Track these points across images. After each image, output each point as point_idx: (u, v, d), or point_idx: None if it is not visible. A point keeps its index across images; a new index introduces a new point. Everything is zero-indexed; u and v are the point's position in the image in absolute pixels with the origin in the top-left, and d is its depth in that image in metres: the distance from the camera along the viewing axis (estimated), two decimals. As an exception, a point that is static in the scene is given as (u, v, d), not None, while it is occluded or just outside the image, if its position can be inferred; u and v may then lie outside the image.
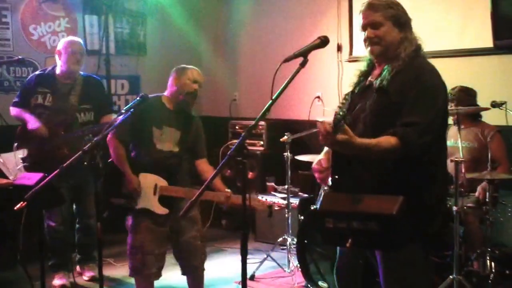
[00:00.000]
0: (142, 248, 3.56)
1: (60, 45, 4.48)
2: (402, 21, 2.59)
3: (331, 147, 2.39)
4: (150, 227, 3.58)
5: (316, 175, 2.75)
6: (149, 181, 3.57)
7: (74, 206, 4.70)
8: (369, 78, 2.66)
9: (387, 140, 2.36)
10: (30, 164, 4.34)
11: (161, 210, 3.54)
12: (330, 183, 2.66)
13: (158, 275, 3.65)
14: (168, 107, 3.69)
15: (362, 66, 2.72)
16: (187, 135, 3.68)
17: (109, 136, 3.56)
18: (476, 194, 4.14)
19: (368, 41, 2.58)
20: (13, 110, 4.55)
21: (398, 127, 2.38)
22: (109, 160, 3.67)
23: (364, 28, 2.60)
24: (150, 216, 3.58)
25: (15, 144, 4.48)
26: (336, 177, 2.58)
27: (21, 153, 4.84)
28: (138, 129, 3.61)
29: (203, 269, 3.75)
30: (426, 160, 2.47)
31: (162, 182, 3.56)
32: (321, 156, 2.81)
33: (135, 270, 3.62)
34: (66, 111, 4.41)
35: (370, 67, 2.70)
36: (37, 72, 4.60)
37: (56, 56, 4.49)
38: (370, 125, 2.50)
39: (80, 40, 4.62)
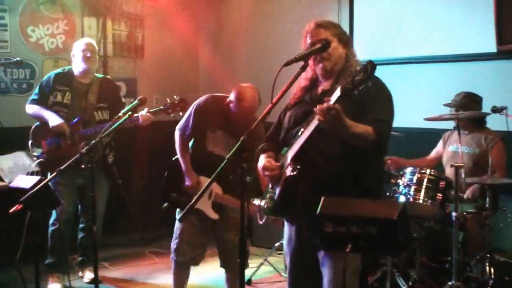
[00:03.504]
0: (180, 236, 3.77)
1: (73, 48, 4.57)
2: (345, 39, 2.81)
3: (329, 122, 2.42)
4: (193, 220, 3.71)
5: (268, 173, 2.80)
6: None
7: (80, 206, 4.69)
8: (321, 88, 2.79)
9: (366, 127, 2.56)
10: (45, 161, 4.39)
11: (213, 215, 3.72)
12: (289, 173, 2.70)
13: (191, 262, 3.82)
14: (227, 111, 3.71)
15: (301, 83, 2.87)
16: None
17: (176, 132, 3.81)
18: (466, 194, 4.11)
19: (319, 57, 2.73)
20: (31, 108, 4.54)
21: (370, 121, 2.58)
22: (174, 158, 3.84)
23: (313, 46, 2.72)
24: (198, 212, 3.70)
25: (30, 142, 4.51)
26: (298, 167, 2.67)
27: (19, 155, 4.84)
28: (196, 127, 3.74)
29: (247, 266, 3.82)
30: (379, 152, 2.76)
31: (217, 189, 3.72)
32: (263, 160, 2.86)
33: (173, 254, 3.82)
34: (85, 109, 4.49)
35: (312, 83, 2.84)
36: (55, 71, 4.64)
37: (73, 60, 4.56)
38: None
39: (90, 40, 4.68)
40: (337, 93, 2.38)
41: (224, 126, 3.72)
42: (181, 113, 4.09)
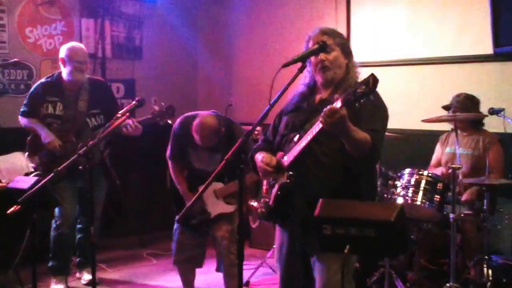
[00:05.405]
0: (175, 236, 3.95)
1: (63, 52, 4.38)
2: (347, 50, 2.79)
3: (332, 125, 2.39)
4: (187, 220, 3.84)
5: (263, 165, 2.76)
6: (207, 190, 3.70)
7: (78, 208, 4.62)
8: (319, 97, 2.78)
9: (365, 135, 2.53)
10: (43, 173, 4.27)
11: (232, 209, 3.85)
12: (285, 180, 2.70)
13: (190, 262, 3.96)
14: None
15: (299, 89, 2.87)
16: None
17: (168, 162, 3.95)
18: (463, 197, 4.10)
19: (321, 64, 2.72)
20: (23, 120, 4.47)
21: (367, 130, 2.55)
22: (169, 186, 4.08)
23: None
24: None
25: (26, 154, 4.47)
26: (291, 173, 2.68)
27: (17, 156, 4.84)
28: (179, 149, 3.89)
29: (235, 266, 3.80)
30: (373, 161, 2.78)
31: (217, 185, 3.84)
32: (263, 153, 2.84)
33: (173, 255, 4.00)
34: (76, 118, 4.37)
35: (310, 90, 2.84)
36: (43, 80, 4.52)
37: (60, 64, 4.41)
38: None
39: (83, 46, 4.52)
40: (338, 104, 2.36)
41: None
42: (169, 121, 4.05)
